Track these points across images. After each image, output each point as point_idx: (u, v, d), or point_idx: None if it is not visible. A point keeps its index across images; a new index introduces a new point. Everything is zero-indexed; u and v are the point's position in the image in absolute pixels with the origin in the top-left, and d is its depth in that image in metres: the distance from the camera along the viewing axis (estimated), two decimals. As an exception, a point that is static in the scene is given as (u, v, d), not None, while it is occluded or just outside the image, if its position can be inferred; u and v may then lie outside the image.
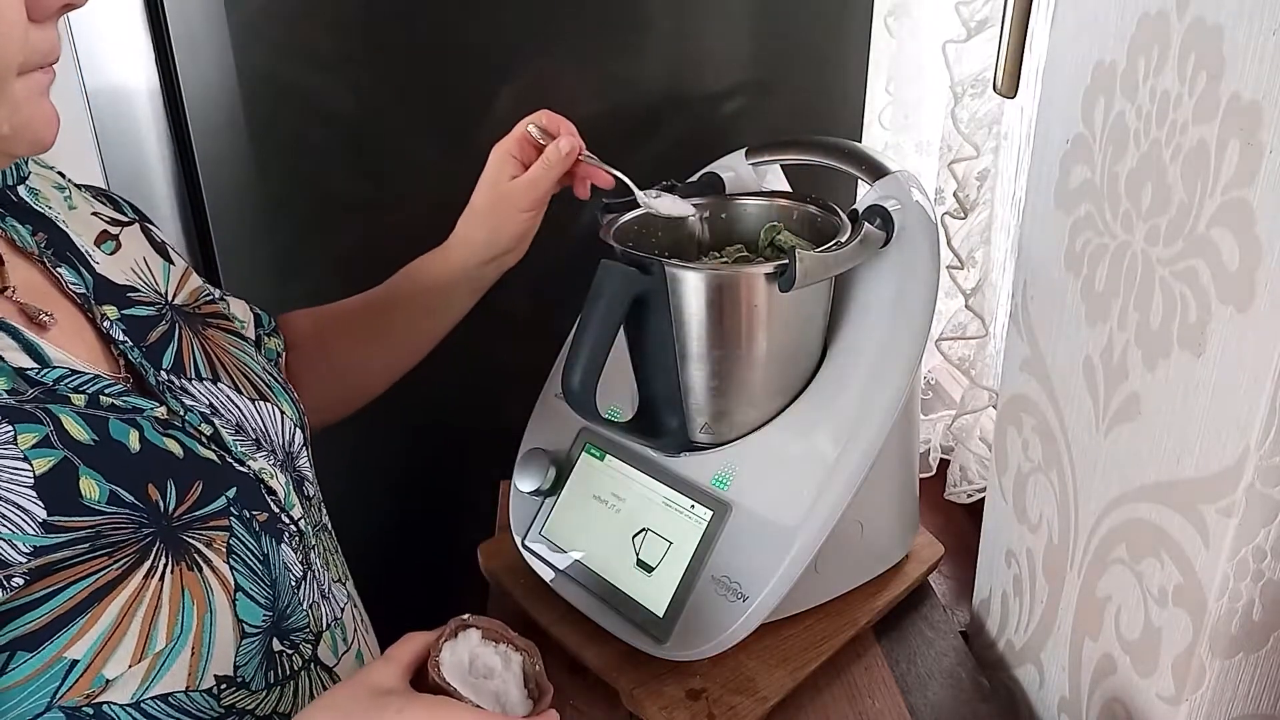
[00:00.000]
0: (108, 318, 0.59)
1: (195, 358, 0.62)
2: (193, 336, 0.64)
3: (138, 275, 0.65)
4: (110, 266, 0.62)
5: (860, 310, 0.74)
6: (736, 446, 0.73)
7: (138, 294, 0.62)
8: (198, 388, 0.61)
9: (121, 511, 0.50)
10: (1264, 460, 0.50)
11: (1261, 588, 0.53)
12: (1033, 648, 0.77)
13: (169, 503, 0.52)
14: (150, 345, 0.60)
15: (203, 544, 0.53)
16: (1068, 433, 0.69)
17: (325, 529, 0.70)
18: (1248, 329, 0.49)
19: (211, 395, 0.61)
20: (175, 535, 0.52)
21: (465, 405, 1.09)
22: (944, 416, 1.14)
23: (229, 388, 0.63)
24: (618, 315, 0.68)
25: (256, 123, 0.96)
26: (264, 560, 0.57)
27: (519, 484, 0.81)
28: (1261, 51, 0.47)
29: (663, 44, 0.98)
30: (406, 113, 0.98)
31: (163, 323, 0.62)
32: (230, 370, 0.64)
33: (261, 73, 0.94)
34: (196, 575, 0.52)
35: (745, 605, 0.68)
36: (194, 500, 0.54)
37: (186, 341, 0.63)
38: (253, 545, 0.56)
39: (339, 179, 1.00)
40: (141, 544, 0.50)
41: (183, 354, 0.62)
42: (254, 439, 0.63)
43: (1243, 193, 0.49)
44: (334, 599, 0.66)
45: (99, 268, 0.61)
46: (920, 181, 0.75)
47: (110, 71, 0.93)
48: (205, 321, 0.67)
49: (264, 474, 0.60)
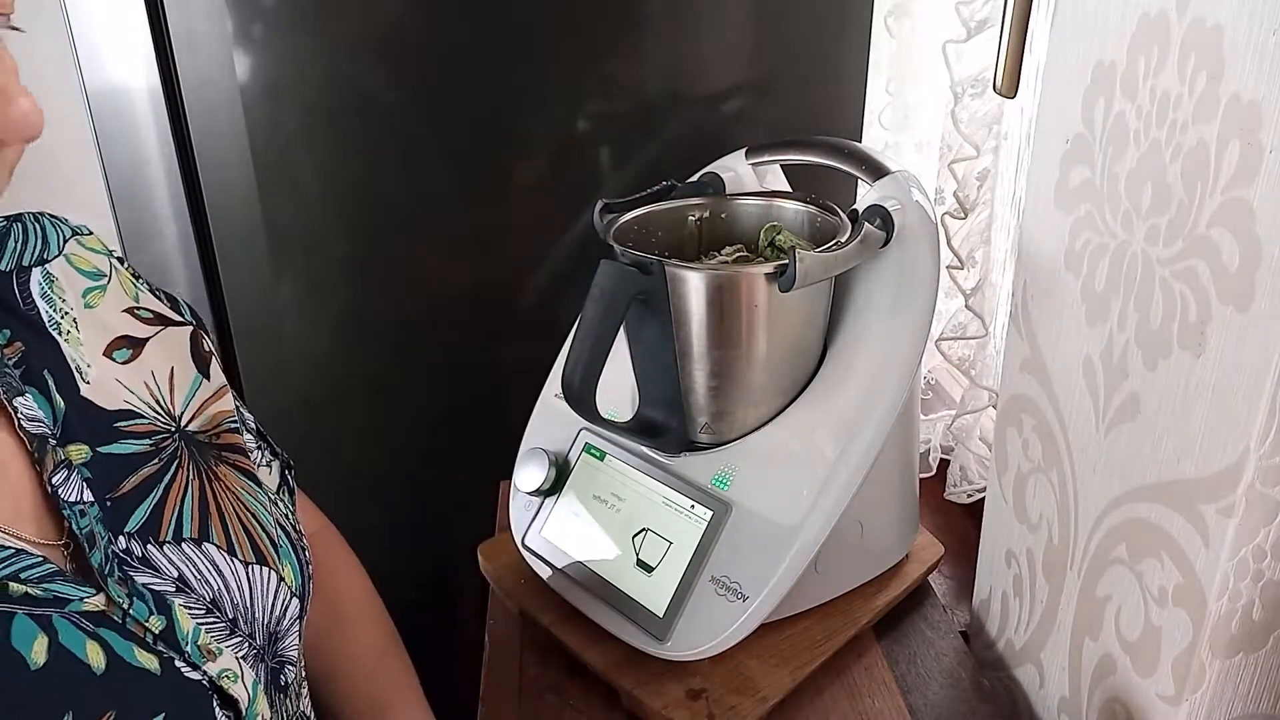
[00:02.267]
0: (67, 463, 0.48)
1: (182, 511, 0.52)
2: (192, 477, 0.54)
3: (149, 392, 0.55)
4: (107, 384, 0.53)
5: (860, 310, 0.74)
6: (736, 446, 0.73)
7: (133, 423, 0.53)
8: (170, 553, 0.50)
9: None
10: (1264, 460, 0.50)
11: (1261, 588, 0.53)
12: (1033, 648, 0.77)
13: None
14: (120, 498, 0.50)
15: None
16: (1068, 433, 0.69)
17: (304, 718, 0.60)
18: (1248, 329, 0.49)
19: (187, 562, 0.51)
20: None
21: (465, 405, 1.09)
22: (944, 416, 1.14)
23: (218, 548, 0.53)
24: (618, 315, 0.68)
25: (256, 123, 0.96)
26: None
27: (519, 484, 0.81)
28: (1261, 51, 0.47)
29: (663, 44, 0.98)
30: (406, 112, 0.98)
31: (153, 461, 0.53)
32: (229, 523, 0.54)
33: (261, 73, 0.94)
34: None
35: (745, 605, 0.68)
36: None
37: (177, 488, 0.53)
38: None
39: (339, 179, 1.00)
40: None
41: (164, 508, 0.51)
42: (229, 620, 0.52)
43: (1243, 193, 0.49)
44: None
45: (86, 389, 0.52)
46: (920, 181, 0.75)
47: (110, 71, 0.93)
48: (220, 455, 0.57)
49: (225, 678, 0.49)
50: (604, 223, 0.75)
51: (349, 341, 1.06)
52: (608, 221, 0.75)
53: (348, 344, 1.06)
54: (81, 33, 0.91)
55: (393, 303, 1.05)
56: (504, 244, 1.04)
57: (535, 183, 1.02)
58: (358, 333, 1.06)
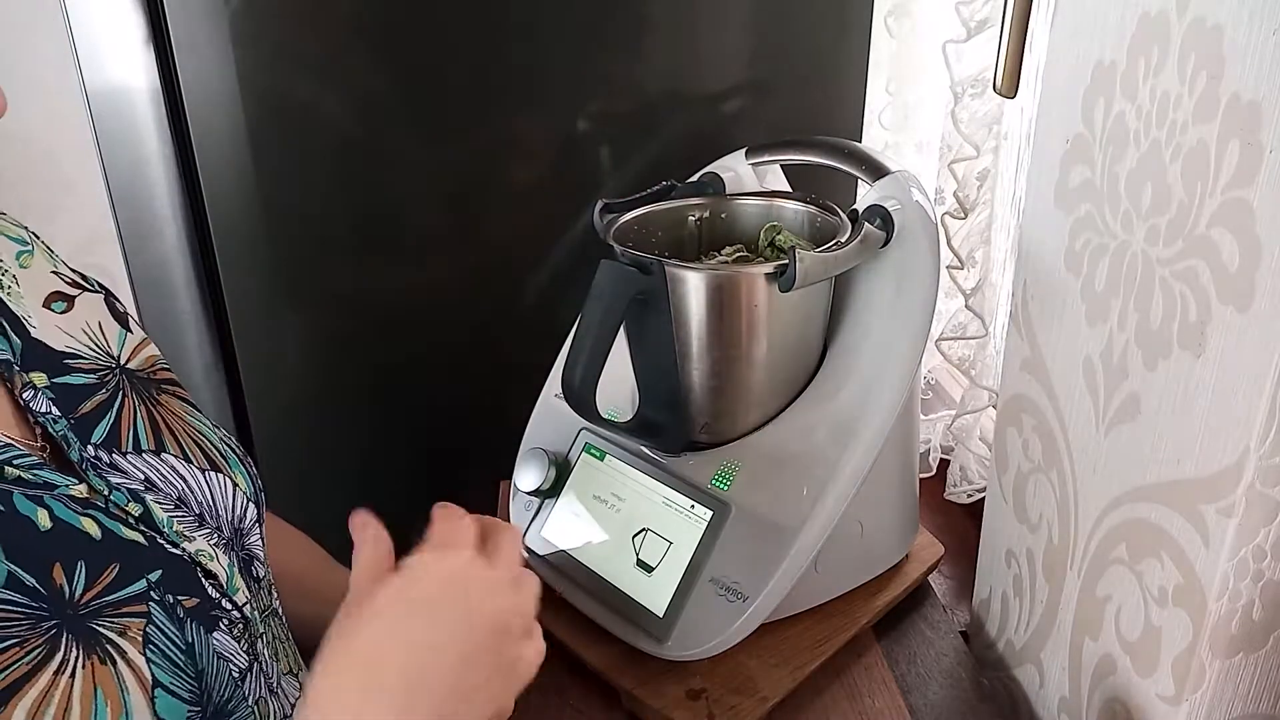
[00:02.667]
0: (32, 385, 0.55)
1: (137, 428, 0.58)
2: (139, 404, 0.60)
3: (87, 337, 0.61)
4: (50, 330, 0.59)
5: (860, 310, 0.74)
6: (736, 446, 0.73)
7: (79, 361, 0.59)
8: (133, 461, 0.56)
9: (18, 599, 0.45)
10: (1264, 460, 0.50)
11: (1261, 588, 0.53)
12: (1033, 648, 0.77)
13: (76, 587, 0.47)
14: (81, 416, 0.56)
15: (115, 633, 0.48)
16: (1068, 433, 0.69)
17: (275, 614, 0.64)
18: (1248, 329, 0.49)
19: (150, 468, 0.57)
20: (83, 624, 0.47)
21: (465, 405, 1.09)
22: (944, 416, 1.14)
23: (175, 457, 0.58)
24: (618, 315, 0.68)
25: (256, 123, 0.96)
26: (187, 650, 0.52)
27: (519, 484, 0.81)
28: (1261, 51, 0.47)
29: (663, 44, 0.98)
30: (406, 113, 0.98)
31: (102, 390, 0.58)
32: (180, 437, 0.60)
33: (262, 73, 0.94)
34: (110, 670, 0.47)
35: (745, 605, 0.68)
36: (107, 583, 0.49)
37: (129, 410, 0.59)
38: (174, 634, 0.51)
39: (339, 179, 1.00)
40: (46, 636, 0.45)
41: (120, 424, 0.57)
42: (197, 514, 0.58)
43: (1243, 193, 0.49)
44: (283, 694, 0.60)
45: (35, 331, 0.57)
46: (920, 181, 0.75)
47: (110, 71, 0.93)
48: (159, 387, 0.63)
49: (201, 555, 0.55)
50: (604, 223, 0.75)
51: (349, 341, 1.06)
52: (608, 221, 0.75)
53: (348, 343, 1.06)
54: (81, 33, 0.91)
55: (393, 302, 1.05)
56: (504, 244, 1.04)
57: (535, 183, 1.02)
58: (358, 332, 1.06)
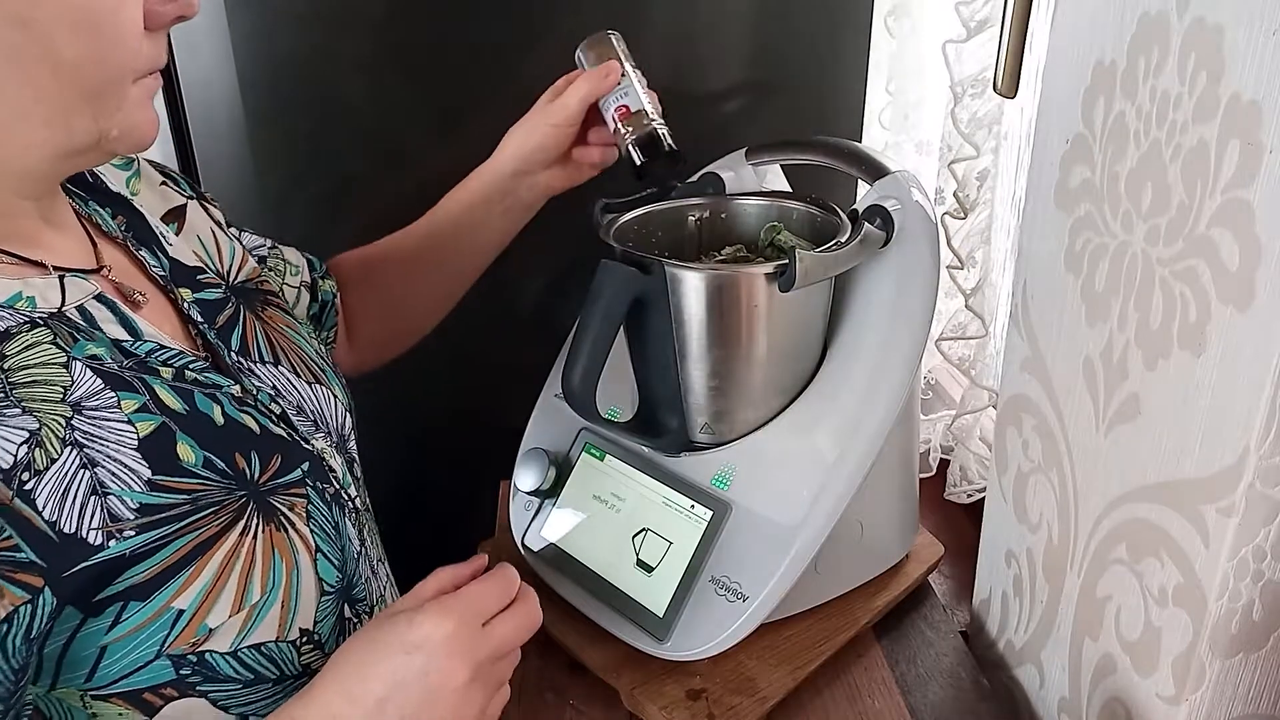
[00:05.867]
0: (184, 299, 0.62)
1: (258, 341, 0.66)
2: (254, 319, 0.67)
3: (204, 252, 0.68)
4: (180, 247, 0.66)
5: (860, 310, 0.74)
6: (736, 446, 0.73)
7: (205, 276, 0.66)
8: (262, 370, 0.64)
9: (214, 477, 0.54)
10: (1264, 460, 0.50)
11: (1261, 588, 0.53)
12: (1033, 648, 0.77)
13: (254, 470, 0.56)
14: (220, 328, 0.64)
15: (286, 508, 0.57)
16: (1068, 433, 0.69)
17: (369, 510, 0.72)
18: (1248, 329, 0.49)
19: (274, 377, 0.65)
20: (264, 499, 0.56)
21: (465, 405, 1.09)
22: (944, 416, 1.14)
23: (288, 370, 0.66)
24: (618, 315, 0.68)
25: (256, 122, 0.96)
26: (335, 528, 0.61)
27: (519, 484, 0.81)
28: (1261, 51, 0.47)
29: (663, 44, 0.98)
30: (406, 112, 0.98)
31: (229, 306, 0.66)
32: (288, 354, 0.67)
33: (261, 73, 0.94)
34: (284, 535, 0.56)
35: (745, 605, 0.68)
36: (275, 470, 0.58)
37: (250, 325, 0.66)
38: (326, 513, 0.60)
39: (339, 178, 1.00)
40: (236, 505, 0.54)
41: (247, 337, 0.65)
42: (313, 420, 0.66)
43: (1243, 193, 0.49)
44: (379, 577, 0.69)
45: (171, 250, 0.65)
46: (920, 181, 0.75)
47: (110, 71, 0.93)
48: (265, 300, 0.70)
49: (324, 454, 0.64)
50: (604, 223, 0.75)
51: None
52: (608, 221, 0.75)
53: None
54: (81, 33, 0.90)
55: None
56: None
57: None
58: (358, 333, 1.06)
